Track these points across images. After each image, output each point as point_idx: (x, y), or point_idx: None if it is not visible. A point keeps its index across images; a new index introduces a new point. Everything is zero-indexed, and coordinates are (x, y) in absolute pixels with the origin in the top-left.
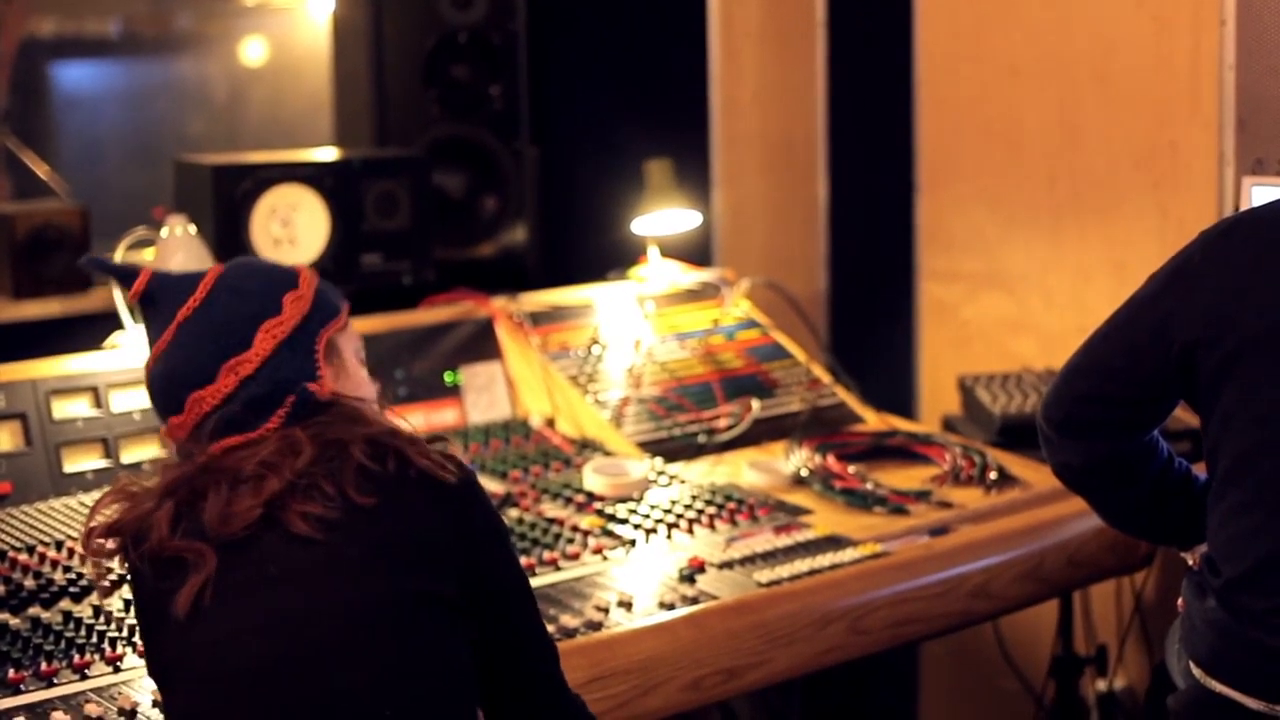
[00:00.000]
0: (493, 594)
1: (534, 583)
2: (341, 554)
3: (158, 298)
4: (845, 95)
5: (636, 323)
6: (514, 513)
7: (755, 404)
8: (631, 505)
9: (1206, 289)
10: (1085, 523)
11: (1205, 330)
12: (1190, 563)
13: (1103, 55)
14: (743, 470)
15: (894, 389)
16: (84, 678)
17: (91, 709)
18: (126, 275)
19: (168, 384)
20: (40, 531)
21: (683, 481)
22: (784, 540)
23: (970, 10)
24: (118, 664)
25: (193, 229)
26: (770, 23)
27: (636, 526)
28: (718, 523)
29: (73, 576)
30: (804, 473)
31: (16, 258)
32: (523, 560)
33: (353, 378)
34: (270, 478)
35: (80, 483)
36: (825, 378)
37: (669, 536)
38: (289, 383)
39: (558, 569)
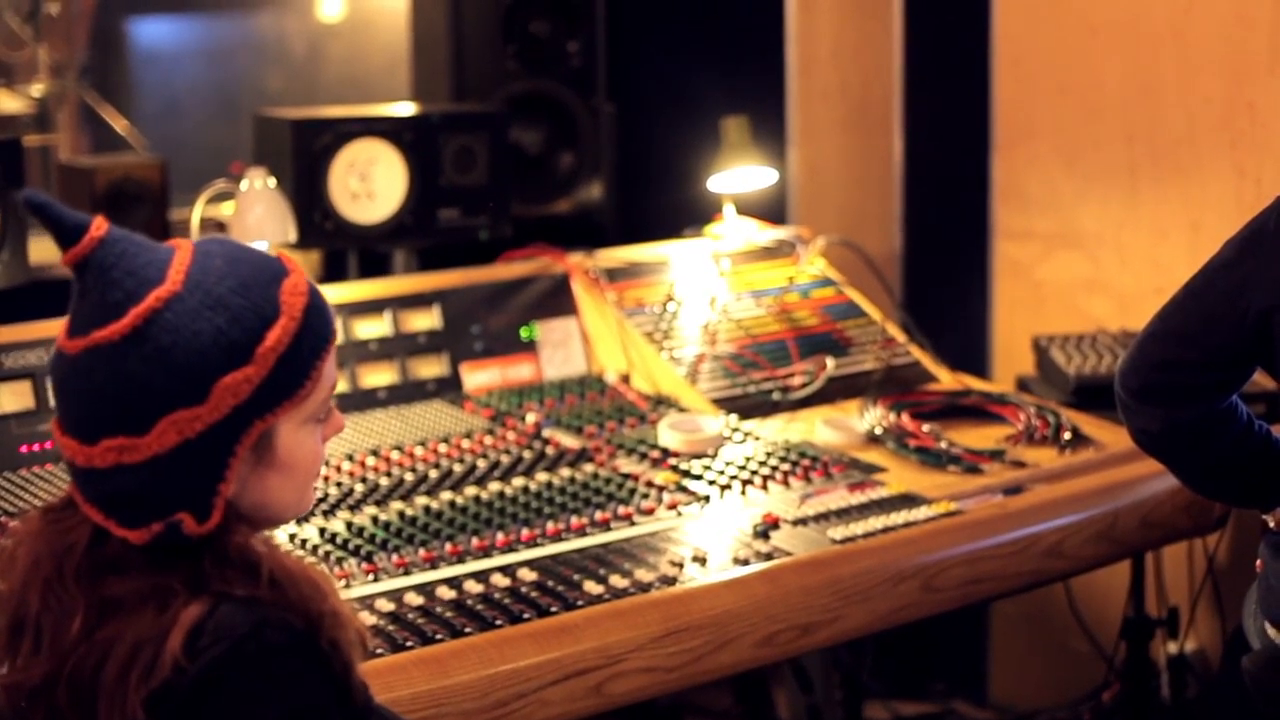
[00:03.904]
0: None
1: (608, 538)
2: None
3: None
4: (922, 53)
5: (712, 280)
6: (589, 468)
7: (830, 362)
8: (706, 461)
9: None
10: (1159, 484)
11: None
12: (1270, 524)
13: (1181, 12)
14: (817, 428)
15: (968, 348)
16: None
17: None
18: (68, 230)
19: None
20: None
21: (757, 438)
22: (858, 498)
23: None
24: None
25: (272, 182)
26: None
27: (711, 483)
28: (792, 480)
29: None
30: (878, 431)
31: (96, 210)
32: (597, 515)
33: (284, 469)
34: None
35: None
36: (900, 336)
37: (743, 493)
38: (167, 500)
39: (632, 524)
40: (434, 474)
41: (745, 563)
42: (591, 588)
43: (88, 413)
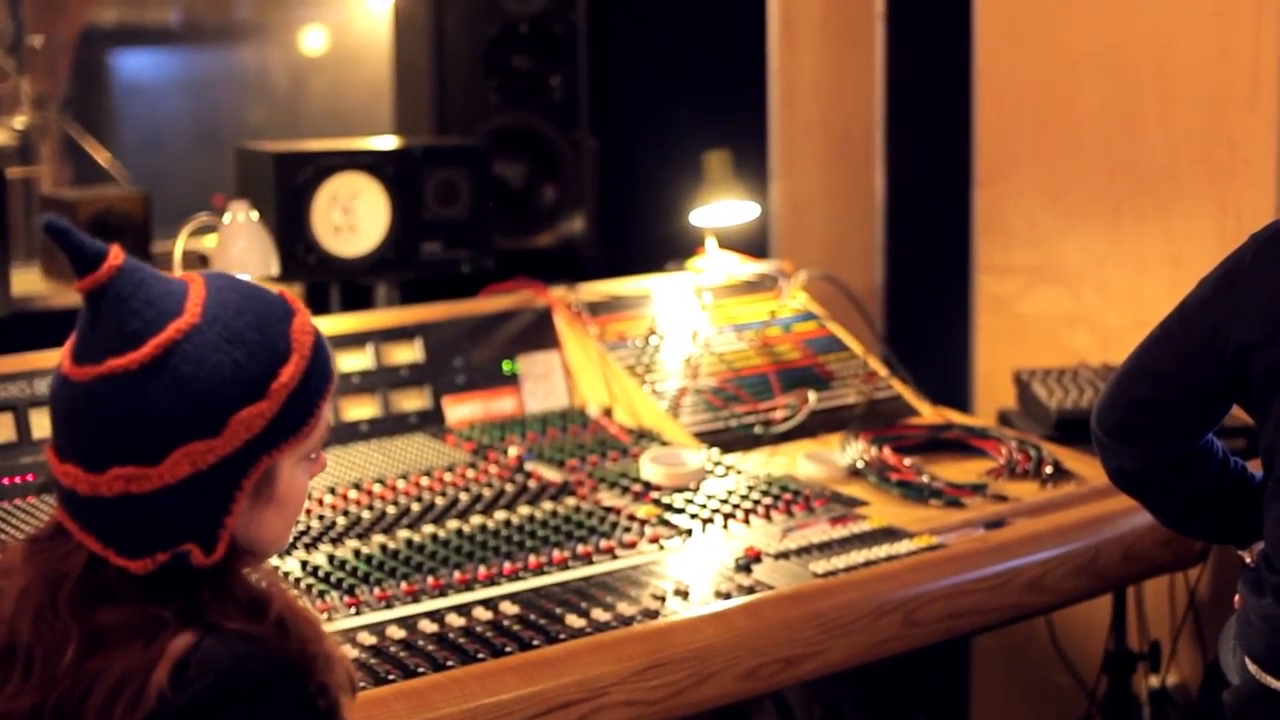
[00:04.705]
0: None
1: (590, 571)
2: None
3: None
4: (904, 87)
5: (694, 314)
6: (571, 501)
7: (812, 396)
8: (688, 495)
9: (1259, 292)
10: (1140, 518)
11: (1259, 333)
12: (1248, 560)
13: (1162, 48)
14: (799, 461)
15: (950, 382)
16: None
17: None
18: (88, 257)
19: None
20: None
21: (739, 472)
22: (840, 531)
23: (1030, 2)
24: None
25: (254, 215)
26: (830, 14)
27: (693, 516)
28: (774, 513)
29: None
30: (860, 464)
31: None
32: (579, 549)
33: (279, 505)
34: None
35: None
36: (881, 370)
37: (725, 526)
38: (173, 531)
39: (614, 557)
40: (416, 507)
41: (727, 596)
42: (573, 621)
43: (97, 441)
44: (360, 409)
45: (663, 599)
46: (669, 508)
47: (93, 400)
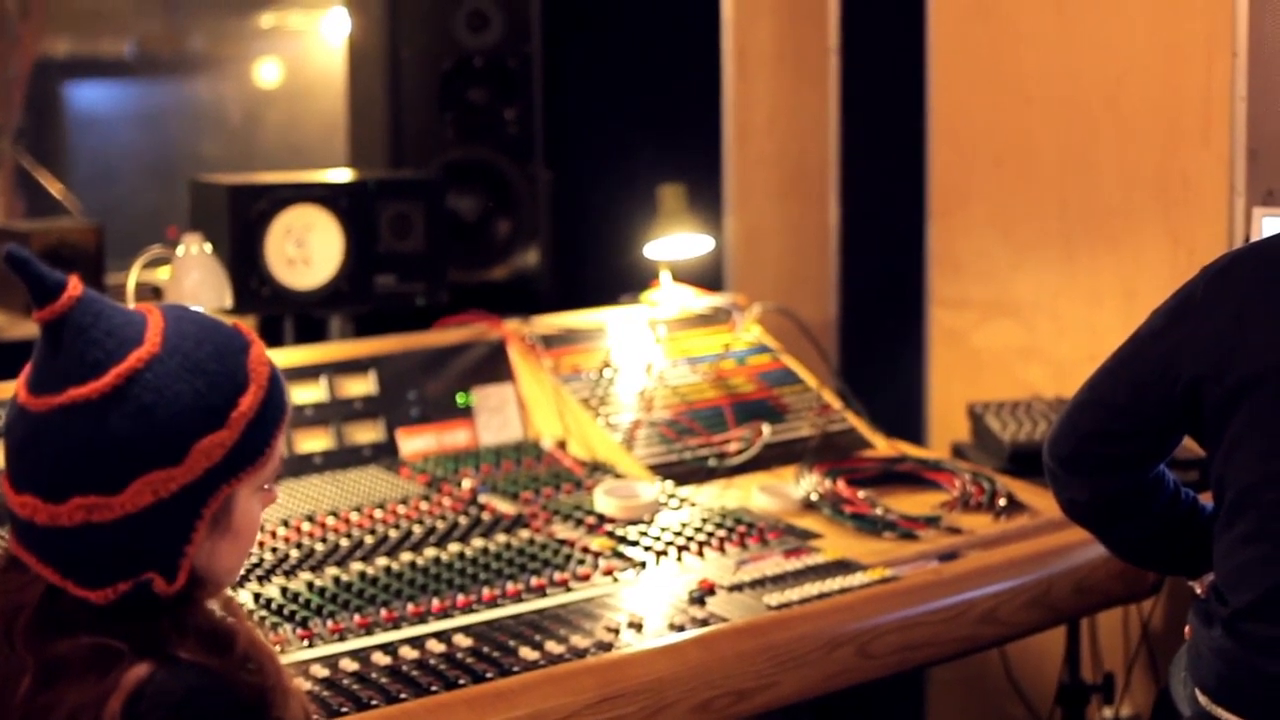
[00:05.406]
0: None
1: (544, 604)
2: None
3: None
4: (858, 121)
5: (648, 346)
6: (524, 534)
7: (766, 428)
8: (642, 527)
9: (1210, 325)
10: (1093, 550)
11: (1210, 366)
12: (1198, 591)
13: (1115, 84)
14: (753, 494)
15: (904, 415)
16: None
17: None
18: (48, 287)
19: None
20: None
21: (693, 504)
22: (793, 564)
23: (983, 37)
24: None
25: (208, 248)
26: (784, 48)
27: (647, 549)
28: (728, 546)
29: None
30: (814, 497)
31: None
32: (533, 581)
33: (234, 535)
34: None
35: None
36: (836, 403)
37: (679, 559)
38: (135, 560)
39: (568, 590)
40: (370, 540)
41: (681, 629)
42: (527, 654)
43: (58, 471)
44: (314, 441)
45: (616, 631)
46: (623, 540)
47: (53, 430)
